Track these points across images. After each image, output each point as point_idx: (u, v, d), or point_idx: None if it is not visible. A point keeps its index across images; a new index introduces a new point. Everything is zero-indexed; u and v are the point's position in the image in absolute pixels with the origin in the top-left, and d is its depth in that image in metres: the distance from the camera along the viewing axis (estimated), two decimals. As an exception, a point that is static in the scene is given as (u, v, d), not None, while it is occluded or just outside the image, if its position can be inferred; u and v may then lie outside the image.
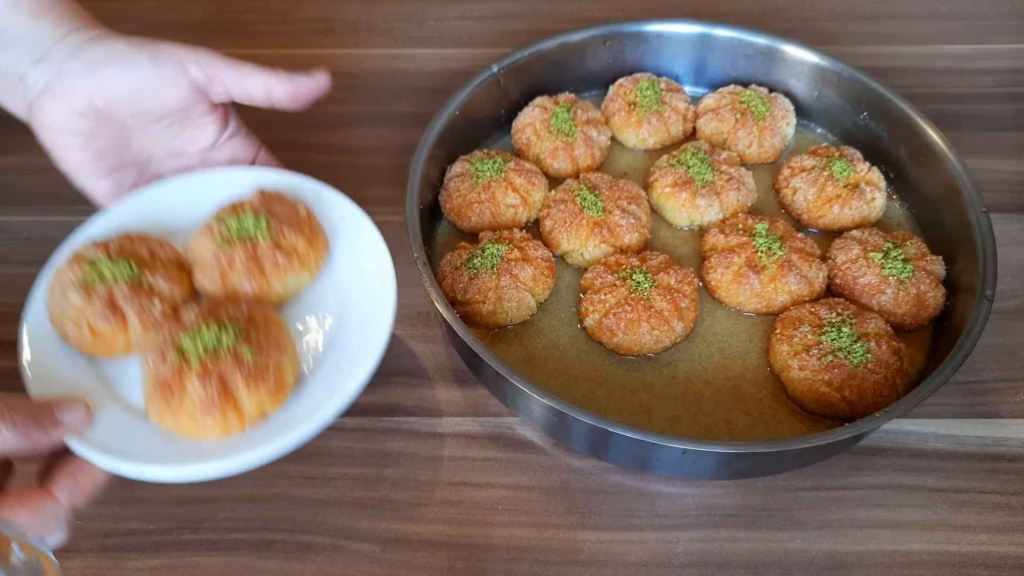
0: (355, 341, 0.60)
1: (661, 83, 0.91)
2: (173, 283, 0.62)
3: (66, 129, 0.64)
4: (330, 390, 0.57)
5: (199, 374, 0.54)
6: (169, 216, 0.68)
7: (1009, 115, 0.98)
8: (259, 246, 0.62)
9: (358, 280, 0.64)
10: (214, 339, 0.56)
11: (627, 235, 0.77)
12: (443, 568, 0.62)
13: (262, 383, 0.55)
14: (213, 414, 0.54)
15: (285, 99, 0.67)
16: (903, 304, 0.72)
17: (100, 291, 0.59)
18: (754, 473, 0.67)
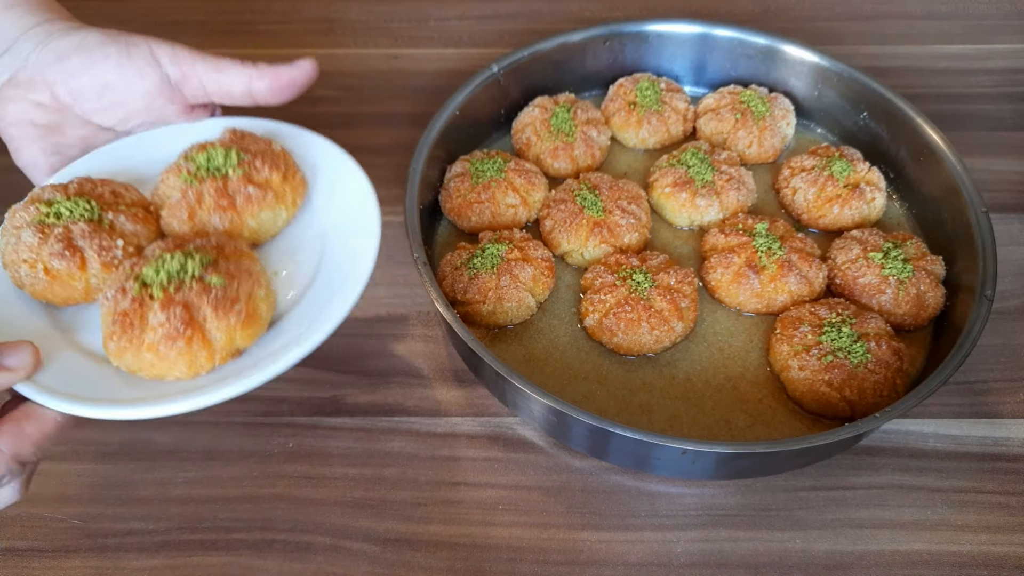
0: (336, 280, 0.57)
1: (661, 83, 0.91)
2: (138, 224, 0.58)
3: (24, 120, 0.61)
4: (306, 328, 0.53)
5: (162, 303, 0.50)
6: (138, 165, 0.64)
7: (1009, 115, 0.98)
8: (230, 181, 0.58)
9: (341, 219, 0.61)
10: (179, 267, 0.51)
11: (627, 235, 0.77)
12: (443, 568, 0.62)
13: (232, 312, 0.51)
14: (177, 345, 0.49)
15: (267, 93, 0.63)
16: (903, 304, 0.72)
17: (56, 230, 0.55)
18: (754, 473, 0.67)
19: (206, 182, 0.58)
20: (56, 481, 0.67)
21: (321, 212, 0.62)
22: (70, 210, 0.56)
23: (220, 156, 0.59)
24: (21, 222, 0.57)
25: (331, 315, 0.53)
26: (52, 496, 0.66)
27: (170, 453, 0.68)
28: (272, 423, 0.70)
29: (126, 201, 0.59)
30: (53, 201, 0.57)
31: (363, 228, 0.59)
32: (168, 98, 0.64)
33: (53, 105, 0.61)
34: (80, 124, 0.63)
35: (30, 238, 0.55)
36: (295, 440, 0.69)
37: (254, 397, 0.71)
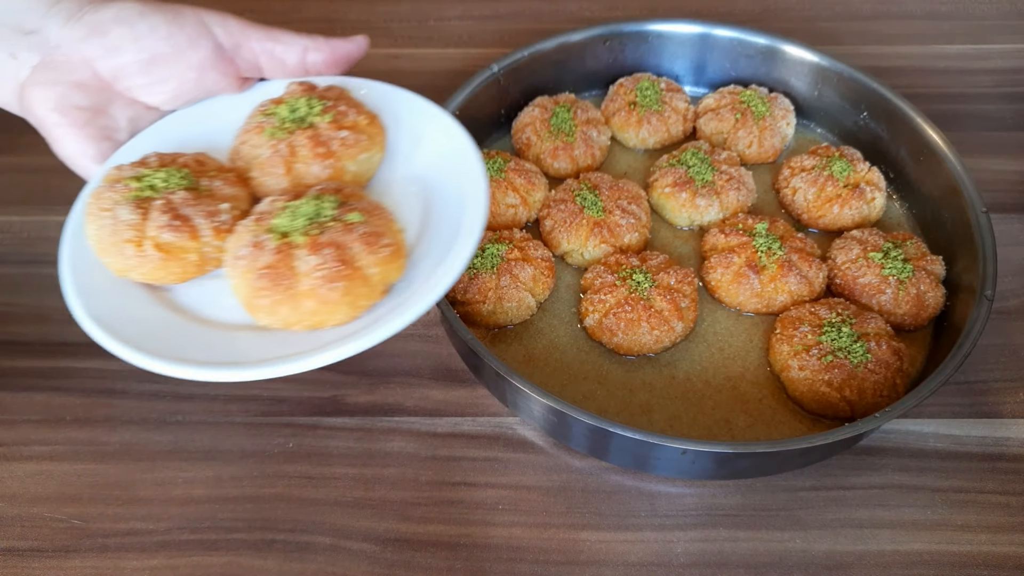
0: (452, 213, 0.54)
1: (661, 83, 0.91)
2: (234, 187, 0.54)
3: (67, 105, 0.55)
4: (440, 259, 0.51)
5: (309, 246, 0.47)
6: (196, 138, 0.60)
7: (1009, 115, 0.98)
8: (319, 128, 0.55)
9: (433, 150, 0.58)
10: (314, 210, 0.48)
11: (627, 235, 0.77)
12: (443, 568, 0.62)
13: (380, 246, 0.48)
14: (338, 285, 0.46)
15: (322, 65, 0.60)
16: (903, 304, 0.72)
17: (157, 203, 0.51)
18: (754, 473, 0.67)
19: (295, 133, 0.55)
20: (56, 481, 0.67)
21: (407, 153, 0.60)
22: (164, 181, 0.52)
23: (303, 105, 0.56)
24: (110, 203, 0.52)
25: (464, 246, 0.51)
26: (52, 496, 0.66)
27: (170, 453, 0.68)
28: (272, 423, 0.70)
29: (212, 167, 0.55)
30: (142, 175, 0.52)
31: (461, 160, 0.56)
32: (221, 71, 0.58)
33: (95, 84, 0.56)
34: (126, 104, 0.58)
35: (129, 215, 0.51)
36: (295, 440, 0.69)
37: (254, 397, 0.72)
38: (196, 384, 0.72)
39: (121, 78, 0.56)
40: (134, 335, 0.49)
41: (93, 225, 0.52)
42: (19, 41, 0.55)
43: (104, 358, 0.74)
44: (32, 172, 0.92)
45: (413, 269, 0.52)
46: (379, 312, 0.49)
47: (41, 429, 0.70)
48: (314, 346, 0.47)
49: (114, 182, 0.53)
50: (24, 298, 0.80)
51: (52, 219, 0.86)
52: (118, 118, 0.58)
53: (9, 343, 0.76)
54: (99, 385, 0.73)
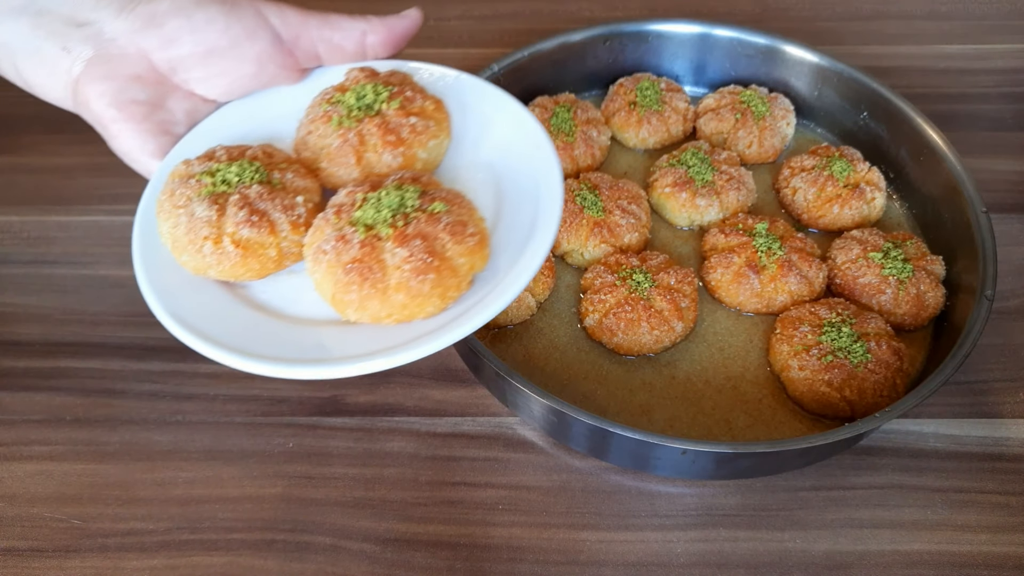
0: (523, 194, 0.53)
1: (661, 83, 0.91)
2: (305, 179, 0.53)
3: (125, 99, 0.54)
4: (521, 245, 0.50)
5: (397, 239, 0.46)
6: (256, 129, 0.59)
7: (1009, 115, 0.98)
8: (387, 115, 0.54)
9: (499, 133, 0.57)
10: (398, 201, 0.47)
11: (627, 235, 0.77)
12: (443, 568, 0.62)
13: (467, 236, 0.47)
14: (429, 277, 0.46)
15: (380, 47, 0.58)
16: (903, 304, 0.72)
17: (233, 198, 0.50)
18: (754, 473, 0.67)
19: (364, 122, 0.53)
20: (56, 481, 0.67)
21: (472, 137, 0.58)
22: (238, 175, 0.51)
23: (369, 92, 0.54)
24: (184, 200, 0.50)
25: (545, 231, 0.50)
26: (52, 496, 0.66)
27: (170, 453, 0.68)
28: (272, 423, 0.70)
29: (280, 159, 0.54)
30: (214, 170, 0.51)
31: (529, 142, 0.54)
32: (280, 63, 0.57)
33: (152, 77, 0.54)
34: (183, 96, 0.57)
35: (206, 211, 0.49)
36: (295, 440, 0.69)
37: (254, 397, 0.72)
38: (196, 384, 0.73)
39: (178, 71, 0.55)
40: (221, 334, 0.48)
41: (168, 223, 0.51)
42: (71, 34, 0.53)
43: (104, 358, 0.75)
44: (32, 172, 0.92)
45: (494, 258, 0.51)
46: (467, 303, 0.48)
47: (41, 429, 0.70)
48: (406, 339, 0.46)
49: (187, 178, 0.51)
50: (24, 298, 0.80)
51: (52, 219, 0.86)
52: (175, 111, 0.57)
53: (9, 343, 0.76)
54: (99, 385, 0.73)
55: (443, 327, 0.47)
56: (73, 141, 0.95)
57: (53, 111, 0.97)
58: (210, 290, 0.52)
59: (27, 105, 1.00)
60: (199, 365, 0.74)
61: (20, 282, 0.81)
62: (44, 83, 0.55)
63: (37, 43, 0.53)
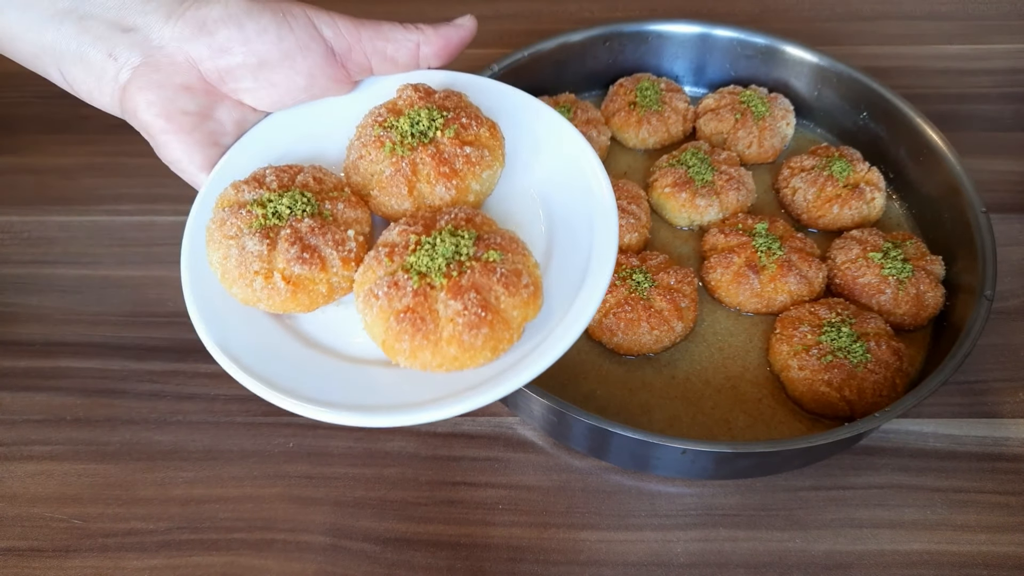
0: (579, 239, 0.51)
1: (661, 83, 0.91)
2: (356, 209, 0.52)
3: (174, 109, 0.52)
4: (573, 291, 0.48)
5: (451, 290, 0.45)
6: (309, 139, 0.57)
7: (1008, 115, 0.98)
8: (441, 144, 0.52)
9: (553, 164, 0.55)
10: (453, 248, 0.46)
11: (627, 235, 0.77)
12: (443, 568, 0.62)
13: (521, 287, 0.46)
14: (483, 332, 0.45)
15: (434, 58, 0.57)
16: (903, 304, 0.72)
17: (284, 232, 0.49)
18: (754, 473, 0.67)
19: (417, 150, 0.52)
20: (56, 481, 0.67)
21: (523, 160, 0.56)
22: (289, 207, 0.50)
23: (424, 118, 0.52)
24: (234, 231, 0.49)
25: (600, 276, 0.49)
26: (52, 496, 0.66)
27: (170, 453, 0.68)
28: (272, 423, 0.70)
29: (330, 186, 0.53)
30: (265, 201, 0.50)
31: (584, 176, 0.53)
32: (331, 76, 0.55)
33: (201, 87, 0.53)
34: (232, 106, 0.55)
35: (256, 246, 0.48)
36: (295, 440, 0.69)
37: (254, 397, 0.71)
38: (196, 384, 0.73)
39: (228, 80, 0.54)
40: (270, 372, 0.48)
41: (218, 253, 0.50)
42: (118, 40, 0.52)
43: (104, 358, 0.75)
44: (32, 172, 0.92)
45: (546, 302, 0.49)
46: (519, 353, 0.47)
47: (41, 429, 0.70)
48: (457, 390, 0.46)
49: (237, 207, 0.50)
50: (25, 298, 0.80)
51: (52, 219, 0.86)
52: (224, 122, 0.56)
53: (9, 343, 0.76)
54: (99, 385, 0.73)
55: (494, 378, 0.46)
56: (74, 141, 0.95)
57: (53, 111, 0.98)
58: (258, 321, 0.51)
59: (28, 105, 1.00)
60: (199, 365, 0.74)
61: (21, 282, 0.81)
62: (91, 90, 0.53)
63: (83, 49, 0.52)
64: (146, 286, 0.80)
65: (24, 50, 0.53)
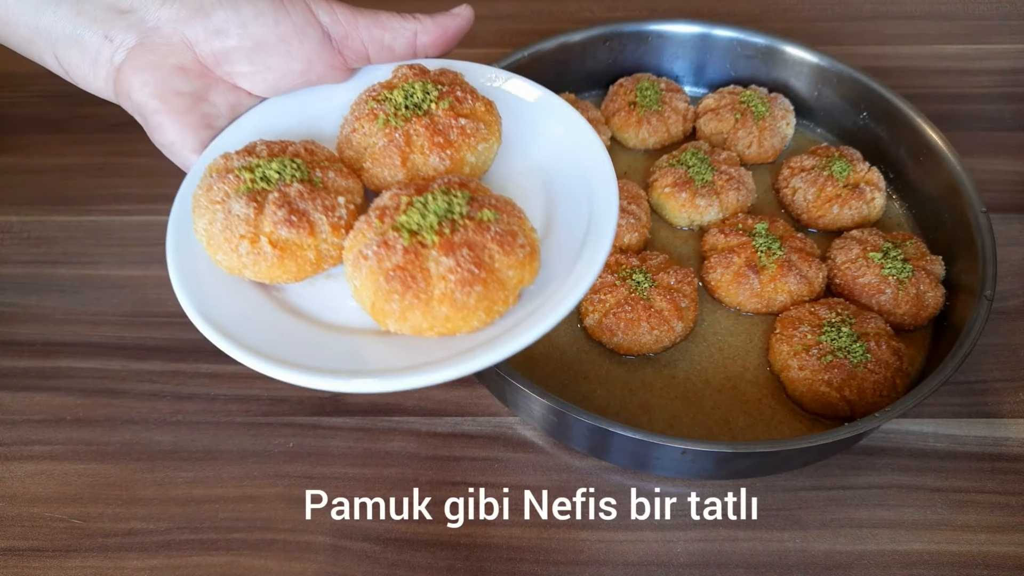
0: (575, 204, 0.50)
1: (661, 83, 0.91)
2: (347, 179, 0.51)
3: (168, 90, 0.52)
4: (572, 258, 0.47)
5: (443, 247, 0.43)
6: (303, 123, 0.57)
7: (1008, 115, 0.98)
8: (436, 116, 0.51)
9: (552, 140, 0.55)
10: (445, 206, 0.45)
11: (627, 235, 0.77)
12: (443, 568, 0.62)
13: (517, 247, 0.44)
14: (475, 290, 0.43)
15: (431, 47, 0.57)
16: (903, 304, 0.72)
17: (272, 196, 0.48)
18: (754, 473, 0.67)
19: (411, 121, 0.51)
20: (56, 481, 0.67)
21: (523, 142, 0.56)
22: (279, 172, 0.49)
23: (418, 91, 0.52)
24: (221, 195, 0.48)
25: (599, 244, 0.48)
26: (52, 496, 0.66)
27: (170, 453, 0.68)
28: (273, 423, 0.70)
29: (322, 158, 0.52)
30: (254, 166, 0.49)
31: (583, 149, 0.52)
32: (328, 62, 0.55)
33: (196, 69, 0.53)
34: (227, 90, 0.55)
35: (243, 209, 0.47)
36: (295, 440, 0.69)
37: (255, 397, 0.72)
38: (197, 384, 0.73)
39: (223, 63, 0.54)
40: (251, 339, 0.46)
41: (203, 219, 0.49)
42: (115, 21, 0.51)
43: (104, 358, 0.75)
44: (33, 172, 0.92)
45: (544, 270, 0.48)
46: (514, 318, 0.45)
47: (42, 429, 0.70)
48: (448, 355, 0.44)
49: (225, 172, 0.49)
50: (25, 298, 0.80)
51: (52, 219, 0.86)
52: (219, 105, 0.56)
53: (9, 343, 0.76)
54: (99, 385, 0.73)
55: (488, 343, 0.44)
56: (74, 142, 0.95)
57: (53, 111, 0.98)
58: (244, 291, 0.50)
59: (28, 105, 1.00)
60: (199, 365, 0.74)
61: (21, 282, 0.81)
62: (86, 74, 0.53)
63: (78, 31, 0.52)
64: (146, 286, 0.80)
65: (19, 34, 0.53)
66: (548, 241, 0.51)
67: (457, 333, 0.45)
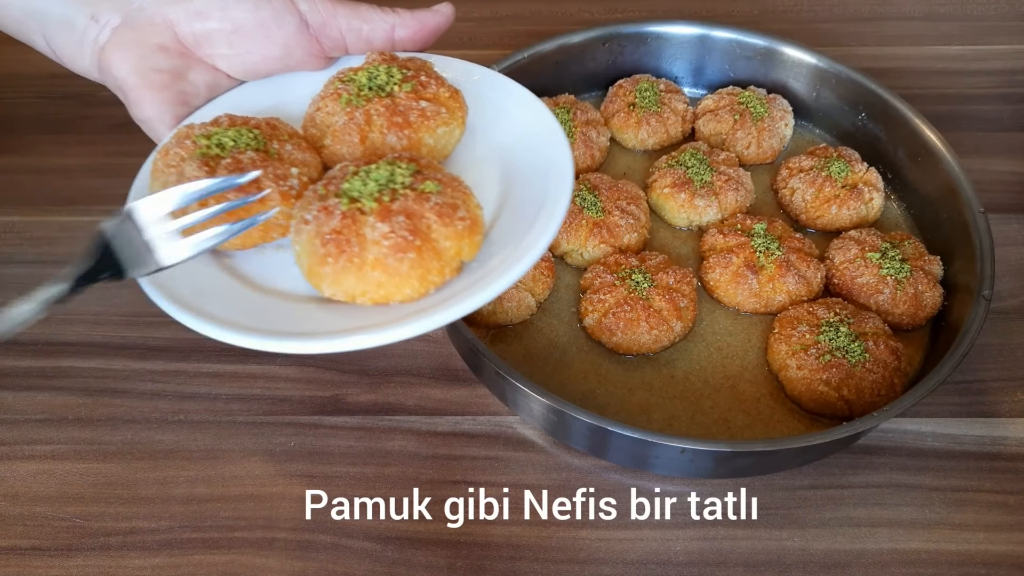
0: (533, 194, 0.51)
1: (660, 84, 0.91)
2: (305, 152, 0.52)
3: (147, 67, 0.54)
4: (519, 239, 0.48)
5: (379, 214, 0.44)
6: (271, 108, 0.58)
7: (1007, 116, 0.98)
8: (397, 98, 0.53)
9: (515, 136, 0.56)
10: (387, 175, 0.46)
11: (626, 235, 0.78)
12: (443, 566, 0.63)
13: (456, 219, 0.45)
14: (408, 256, 0.44)
15: (409, 42, 0.58)
16: (901, 304, 0.73)
17: (224, 162, 0.49)
18: (752, 472, 0.67)
19: (372, 102, 0.53)
20: (58, 480, 0.67)
21: (487, 132, 0.58)
22: (234, 140, 0.50)
23: (382, 73, 0.53)
24: (176, 159, 0.50)
25: (546, 225, 0.48)
26: (54, 495, 0.66)
27: (172, 452, 0.69)
28: (273, 422, 0.70)
29: (284, 132, 0.53)
30: (212, 133, 0.50)
31: (545, 141, 0.54)
32: (305, 49, 0.57)
33: (176, 49, 0.55)
34: (206, 70, 0.57)
35: (195, 172, 0.48)
36: (297, 439, 0.70)
37: (256, 396, 0.72)
38: (198, 383, 0.73)
39: (203, 45, 0.55)
40: (194, 301, 0.47)
41: (158, 182, 0.50)
42: (101, 3, 0.54)
43: (106, 358, 0.75)
44: (33, 172, 0.92)
45: (489, 248, 0.49)
46: (452, 290, 0.46)
47: (43, 428, 0.70)
48: (380, 321, 0.44)
49: (184, 139, 0.51)
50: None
51: (53, 219, 0.87)
52: (198, 84, 0.57)
53: (10, 343, 0.76)
54: (101, 384, 0.73)
55: (424, 311, 0.45)
56: (75, 142, 0.95)
57: (54, 111, 0.98)
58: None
59: (29, 105, 1.00)
60: (201, 365, 0.74)
61: (22, 282, 0.81)
62: (73, 54, 0.55)
63: (67, 12, 0.54)
64: (147, 286, 0.80)
65: (11, 16, 0.56)
66: (499, 223, 0.52)
67: (391, 301, 0.46)
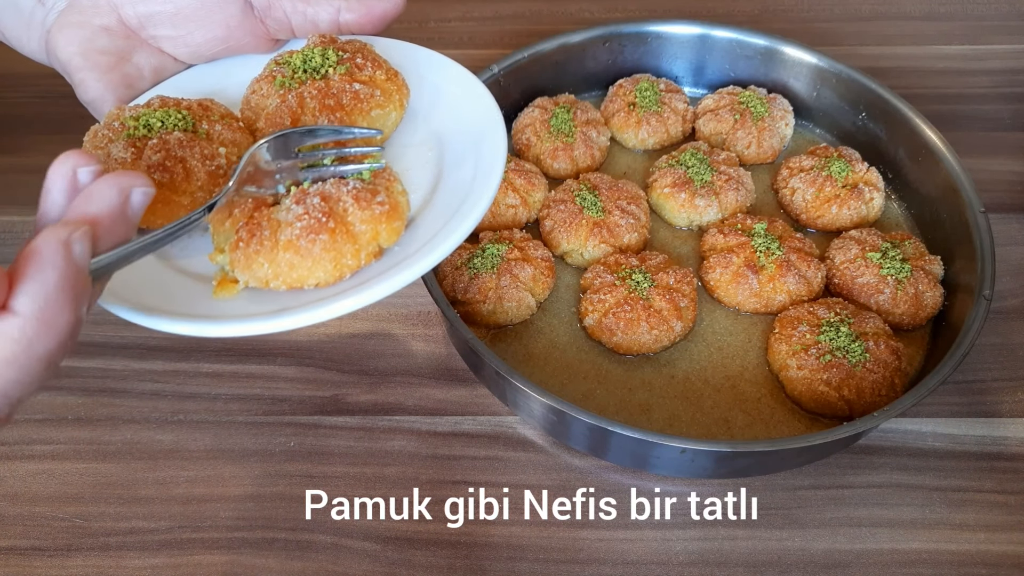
0: (464, 180, 0.52)
1: (660, 84, 0.91)
2: (236, 133, 0.52)
3: (91, 48, 0.55)
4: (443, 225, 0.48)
5: (295, 198, 0.45)
6: (214, 90, 0.58)
7: (1007, 115, 0.98)
8: (331, 80, 0.53)
9: (454, 120, 0.56)
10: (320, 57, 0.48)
11: (626, 235, 0.77)
12: (443, 567, 0.63)
13: (374, 203, 0.45)
14: (320, 238, 0.44)
15: (355, 26, 0.58)
16: (901, 303, 0.73)
17: (151, 142, 0.49)
18: (753, 472, 0.67)
19: (306, 84, 0.53)
20: (58, 480, 0.67)
21: (428, 116, 0.57)
22: (162, 120, 0.50)
23: (317, 56, 0.53)
24: (104, 141, 0.50)
25: (469, 213, 0.48)
26: (54, 495, 0.66)
27: (171, 452, 0.69)
28: (273, 422, 0.70)
29: (217, 112, 0.53)
30: (140, 115, 0.50)
31: (482, 125, 0.54)
32: (250, 30, 0.57)
33: (121, 31, 0.55)
34: (151, 53, 0.57)
35: (121, 153, 0.48)
36: (296, 439, 0.70)
37: (256, 396, 0.72)
38: (198, 383, 0.73)
39: (147, 27, 0.56)
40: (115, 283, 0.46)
41: None
42: None
43: (106, 357, 0.75)
44: (32, 172, 0.91)
45: (414, 233, 0.49)
46: (366, 275, 0.46)
47: (43, 428, 0.70)
48: (289, 305, 0.44)
49: (112, 120, 0.51)
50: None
51: (53, 219, 0.86)
52: (142, 67, 0.57)
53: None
54: (100, 384, 0.73)
55: (331, 296, 0.44)
56: (74, 142, 0.94)
57: (54, 111, 0.98)
58: None
59: (28, 105, 1.00)
60: (200, 364, 0.74)
61: (22, 282, 0.81)
62: (20, 36, 0.56)
63: None
64: (147, 286, 0.80)
65: None
66: (432, 205, 0.52)
67: (304, 285, 0.46)
